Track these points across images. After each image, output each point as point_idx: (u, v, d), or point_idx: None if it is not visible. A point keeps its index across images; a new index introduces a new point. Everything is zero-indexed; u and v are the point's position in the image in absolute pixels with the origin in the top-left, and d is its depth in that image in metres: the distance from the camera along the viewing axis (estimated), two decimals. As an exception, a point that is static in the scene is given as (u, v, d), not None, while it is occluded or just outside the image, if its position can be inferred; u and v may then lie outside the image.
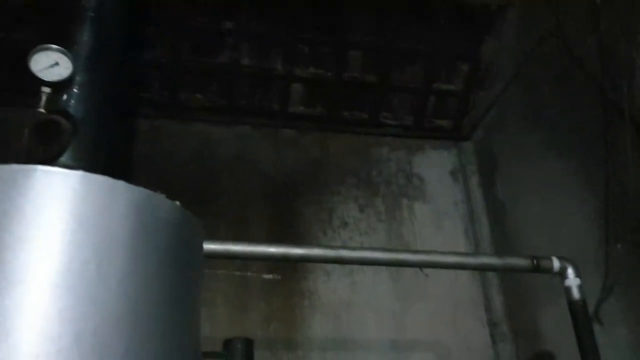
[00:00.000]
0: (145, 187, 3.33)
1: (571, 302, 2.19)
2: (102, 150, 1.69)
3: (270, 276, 3.14)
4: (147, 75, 3.52)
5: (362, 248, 2.94)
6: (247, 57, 3.48)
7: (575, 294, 2.19)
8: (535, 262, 2.18)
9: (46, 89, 1.57)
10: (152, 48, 3.38)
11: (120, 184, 1.32)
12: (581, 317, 2.16)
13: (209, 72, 3.57)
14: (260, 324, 3.03)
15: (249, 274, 3.11)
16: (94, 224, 1.23)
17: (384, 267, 3.37)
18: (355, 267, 3.33)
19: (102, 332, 1.13)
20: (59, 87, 1.59)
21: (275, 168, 3.50)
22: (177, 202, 1.42)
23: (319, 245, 2.11)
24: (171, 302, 1.29)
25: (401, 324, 3.27)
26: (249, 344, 1.69)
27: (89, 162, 1.54)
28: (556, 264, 2.21)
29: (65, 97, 1.62)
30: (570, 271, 2.21)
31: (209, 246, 1.65)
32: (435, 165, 3.79)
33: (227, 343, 1.66)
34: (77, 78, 1.64)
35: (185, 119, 3.57)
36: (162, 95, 3.57)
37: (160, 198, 1.36)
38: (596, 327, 2.60)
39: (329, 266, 3.28)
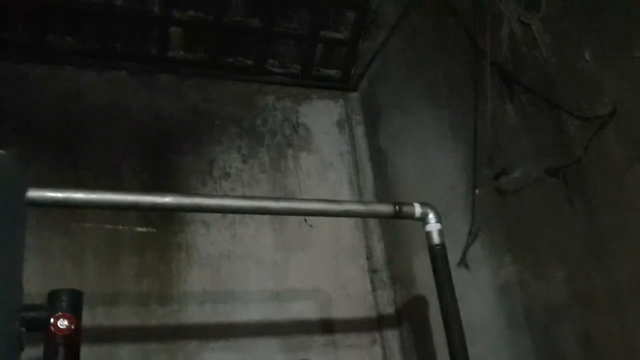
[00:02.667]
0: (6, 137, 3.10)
1: (431, 247, 2.29)
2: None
3: (144, 229, 3.06)
4: (10, 14, 3.26)
5: (219, 195, 2.85)
6: (121, -3, 3.29)
7: (435, 238, 2.28)
8: (397, 208, 2.25)
9: None
10: (12, -17, 3.12)
11: None
12: (440, 261, 2.26)
13: (80, 12, 3.36)
14: (132, 278, 2.96)
15: (120, 227, 3.02)
16: None
17: (266, 219, 3.38)
18: (237, 219, 3.32)
19: None
20: None
21: (151, 116, 3.37)
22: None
23: (194, 193, 2.05)
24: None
25: (283, 274, 3.31)
26: (76, 295, 1.63)
27: None
28: (417, 209, 2.29)
29: None
30: (431, 216, 2.30)
31: (40, 194, 1.56)
32: (321, 116, 3.80)
33: (52, 295, 1.59)
34: None
35: (53, 63, 3.35)
36: (27, 36, 3.33)
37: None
38: (463, 271, 2.75)
39: (209, 218, 3.24)
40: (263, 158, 3.53)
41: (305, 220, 3.44)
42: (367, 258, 3.53)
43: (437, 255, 2.27)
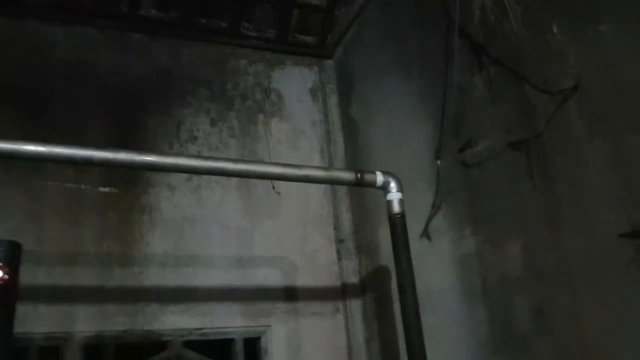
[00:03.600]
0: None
1: (391, 215, 2.31)
2: None
3: (107, 189, 3.05)
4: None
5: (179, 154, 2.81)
6: (90, -51, 3.23)
7: (396, 207, 2.31)
8: (359, 175, 2.26)
9: None
10: None
11: None
12: (399, 229, 2.28)
13: (47, -37, 3.29)
14: (93, 239, 2.96)
15: (82, 186, 3.00)
16: None
17: (234, 185, 3.38)
18: (203, 183, 3.32)
19: None
20: None
21: (119, 75, 3.34)
22: None
23: (148, 152, 2.03)
24: None
25: (248, 241, 3.33)
26: (14, 247, 1.62)
27: None
28: (379, 178, 2.31)
29: None
30: (392, 185, 2.32)
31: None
32: (295, 82, 3.79)
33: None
34: None
35: (18, 15, 3.29)
36: (-9, -13, 3.26)
37: None
38: (425, 243, 2.79)
39: (174, 181, 3.24)
40: (232, 122, 3.51)
41: (274, 187, 3.46)
42: (335, 228, 3.55)
43: (397, 224, 2.29)
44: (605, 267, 1.90)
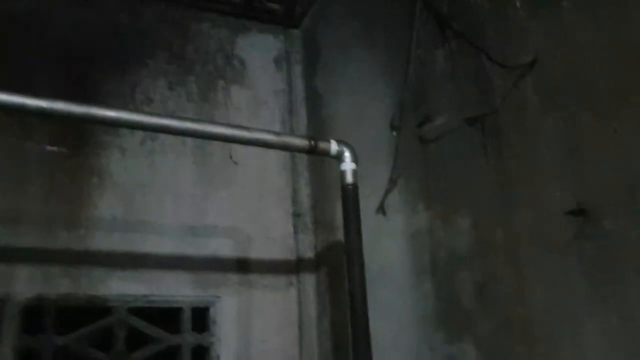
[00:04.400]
0: None
1: (344, 186, 2.31)
2: None
3: (54, 148, 2.99)
4: None
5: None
6: None
7: (349, 178, 2.31)
8: (312, 143, 2.26)
9: None
10: None
11: None
12: (351, 201, 2.29)
13: None
14: (38, 198, 2.90)
15: (28, 143, 2.93)
16: None
17: (188, 151, 3.35)
18: (157, 148, 3.27)
19: None
20: None
21: (73, 32, 3.25)
22: None
23: (88, 103, 1.98)
24: None
25: (202, 209, 3.30)
26: None
27: None
28: (334, 147, 2.30)
29: None
30: (347, 155, 2.32)
31: None
32: (259, 50, 3.75)
33: None
34: None
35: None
36: None
37: None
38: (380, 218, 2.80)
39: (125, 144, 3.19)
40: (191, 87, 3.47)
41: (231, 157, 3.43)
42: (292, 201, 3.55)
43: (349, 194, 2.29)
44: (550, 243, 1.93)
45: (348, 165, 2.31)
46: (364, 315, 2.16)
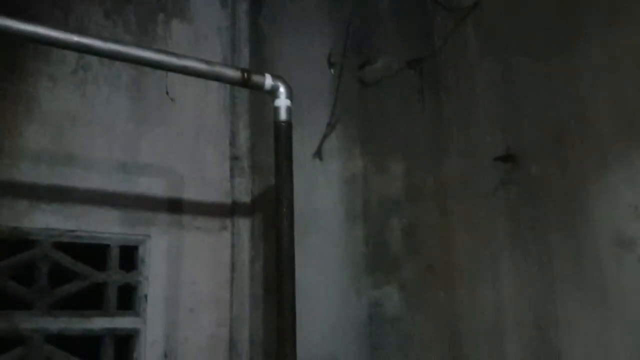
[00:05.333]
0: None
1: (277, 123, 2.27)
2: None
3: (-24, 72, 2.83)
4: None
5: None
6: None
7: (282, 114, 2.26)
8: (245, 75, 2.19)
9: None
10: None
11: None
12: (283, 138, 2.24)
13: None
14: (-44, 123, 2.75)
15: (-53, 64, 2.77)
16: None
17: (123, 84, 3.22)
18: (89, 78, 3.13)
19: None
20: None
21: (1, -54, 3.05)
22: None
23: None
24: None
25: (134, 146, 3.20)
26: None
27: None
28: (268, 81, 2.24)
29: None
30: (281, 91, 2.26)
31: None
32: (204, -17, 3.61)
33: None
34: None
35: None
36: None
37: None
38: (317, 163, 2.77)
39: (56, 72, 3.04)
40: (129, 17, 3.32)
41: (167, 93, 3.32)
42: (230, 144, 3.48)
43: (281, 132, 2.25)
44: (478, 189, 1.95)
45: (282, 101, 2.25)
46: (289, 258, 2.14)
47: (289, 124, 2.27)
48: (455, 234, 2.01)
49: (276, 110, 2.26)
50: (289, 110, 2.27)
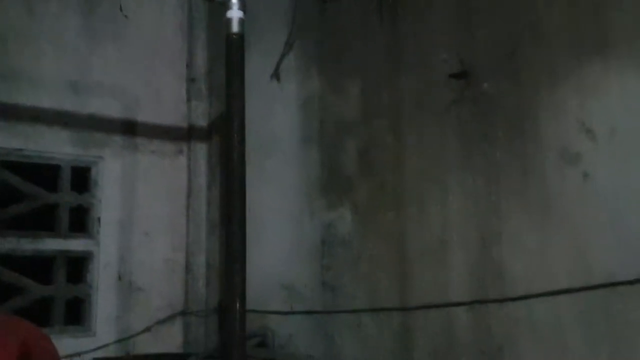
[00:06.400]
0: None
1: (228, 35, 2.16)
2: None
3: None
4: None
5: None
6: None
7: (235, 26, 2.15)
8: (196, -16, 2.09)
9: None
10: None
11: None
12: (234, 51, 2.15)
13: None
14: None
15: None
16: None
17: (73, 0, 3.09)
18: (39, -5, 3.00)
19: None
20: None
21: None
22: None
23: None
24: None
25: (86, 64, 3.10)
26: None
27: None
28: (220, -11, 2.14)
29: None
30: (234, 2, 2.16)
31: None
32: None
33: None
34: None
35: None
36: None
37: None
38: (274, 84, 2.71)
39: (-1, -17, 2.89)
40: None
41: (121, 9, 3.19)
42: (187, 65, 3.39)
43: (232, 44, 2.15)
44: (430, 107, 1.93)
45: (235, 12, 2.15)
46: (240, 176, 2.08)
47: (241, 36, 2.17)
48: (408, 154, 2.00)
49: (228, 22, 2.15)
50: (242, 22, 2.17)
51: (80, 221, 3.07)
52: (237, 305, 2.05)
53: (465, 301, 1.76)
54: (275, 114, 2.73)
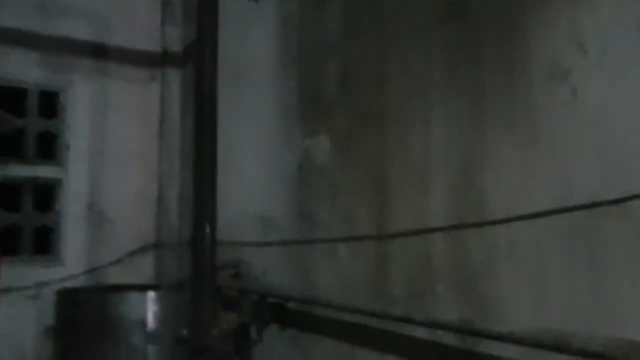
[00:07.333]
0: None
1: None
2: None
3: None
4: None
5: None
6: None
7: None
8: None
9: None
10: None
11: None
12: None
13: None
14: None
15: None
16: None
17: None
18: None
19: None
20: None
21: None
22: None
23: None
24: None
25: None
26: None
27: None
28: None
29: None
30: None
31: None
32: None
33: None
34: None
35: None
36: None
37: None
38: (253, 6, 2.60)
39: None
40: None
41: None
42: (164, -8, 3.25)
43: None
44: (417, 27, 1.86)
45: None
46: (211, 97, 1.99)
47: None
48: (391, 77, 1.93)
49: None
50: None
51: (49, 148, 2.98)
52: (207, 232, 2.00)
53: (443, 226, 1.73)
54: (253, 39, 2.64)
